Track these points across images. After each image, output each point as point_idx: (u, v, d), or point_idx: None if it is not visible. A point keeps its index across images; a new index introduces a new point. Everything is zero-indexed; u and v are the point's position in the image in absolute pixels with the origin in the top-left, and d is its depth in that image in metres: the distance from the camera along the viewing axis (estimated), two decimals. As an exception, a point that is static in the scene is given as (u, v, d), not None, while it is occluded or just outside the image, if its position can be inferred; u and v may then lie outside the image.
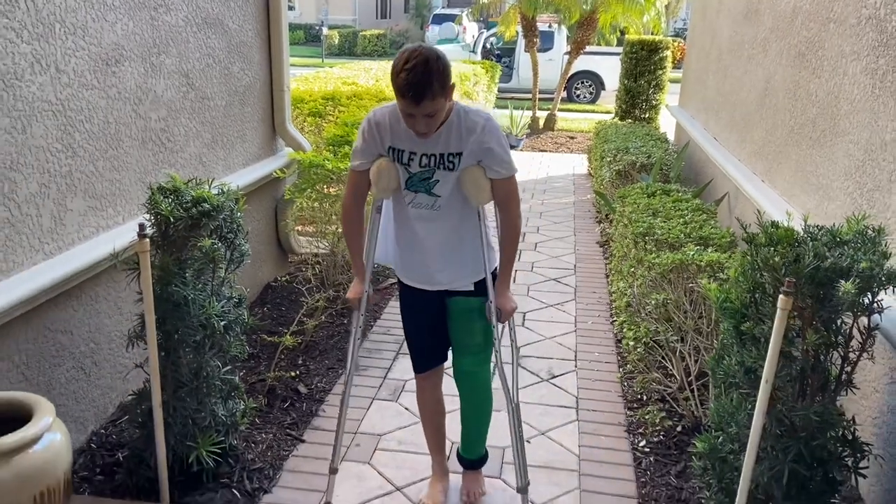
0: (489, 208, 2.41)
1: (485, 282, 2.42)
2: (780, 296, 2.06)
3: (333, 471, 2.57)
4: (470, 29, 22.43)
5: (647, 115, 9.80)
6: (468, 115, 2.25)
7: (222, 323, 2.64)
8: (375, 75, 8.07)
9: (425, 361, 2.62)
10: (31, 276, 2.53)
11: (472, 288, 2.45)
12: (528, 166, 8.95)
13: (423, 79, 2.04)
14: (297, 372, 3.56)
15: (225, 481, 2.73)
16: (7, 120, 2.42)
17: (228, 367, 2.77)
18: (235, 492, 2.69)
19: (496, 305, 2.41)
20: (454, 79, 2.20)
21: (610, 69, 15.20)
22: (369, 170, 2.35)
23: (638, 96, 9.78)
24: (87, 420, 2.94)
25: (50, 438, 1.94)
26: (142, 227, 2.32)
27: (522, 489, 2.52)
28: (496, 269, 2.47)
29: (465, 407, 2.64)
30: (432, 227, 2.37)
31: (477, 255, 2.40)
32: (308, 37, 29.86)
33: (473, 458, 2.72)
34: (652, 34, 11.53)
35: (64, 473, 1.96)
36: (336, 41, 27.52)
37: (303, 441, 3.06)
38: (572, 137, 11.27)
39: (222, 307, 2.65)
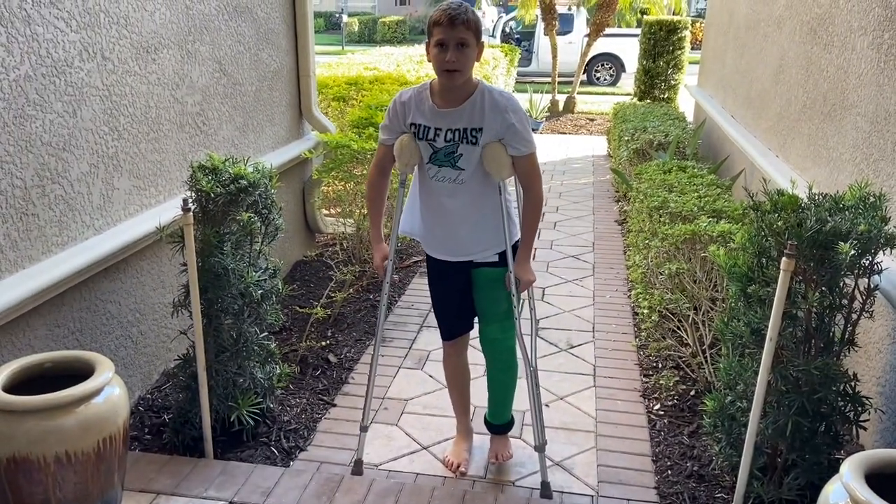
0: (510, 182, 2.55)
1: (507, 253, 2.57)
2: (783, 258, 2.19)
3: (364, 429, 2.76)
4: (489, 13, 22.39)
5: (665, 96, 9.84)
6: (492, 93, 2.42)
7: (259, 292, 2.83)
8: (396, 60, 8.21)
9: (452, 329, 2.77)
10: (84, 250, 2.73)
11: (496, 259, 2.60)
12: (548, 148, 9.05)
13: (459, 9, 2.30)
14: (327, 342, 3.76)
15: (263, 440, 2.92)
16: (60, 104, 2.61)
17: (265, 334, 2.96)
18: (273, 449, 2.88)
19: (515, 276, 2.56)
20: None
21: (630, 51, 15.18)
22: (394, 144, 2.54)
23: (657, 77, 9.82)
24: (135, 385, 3.16)
25: (110, 391, 2.14)
26: (185, 201, 2.51)
27: (540, 448, 2.68)
28: (517, 241, 2.62)
29: (491, 373, 2.78)
30: (456, 201, 2.52)
31: (499, 228, 2.54)
32: (328, 24, 30.03)
33: (500, 424, 2.86)
34: (674, 14, 11.53)
35: (123, 422, 2.16)
36: (356, 28, 27.65)
37: (334, 405, 3.25)
38: (592, 120, 11.33)
39: (259, 277, 2.84)
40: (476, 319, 2.77)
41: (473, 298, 2.69)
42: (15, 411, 2.00)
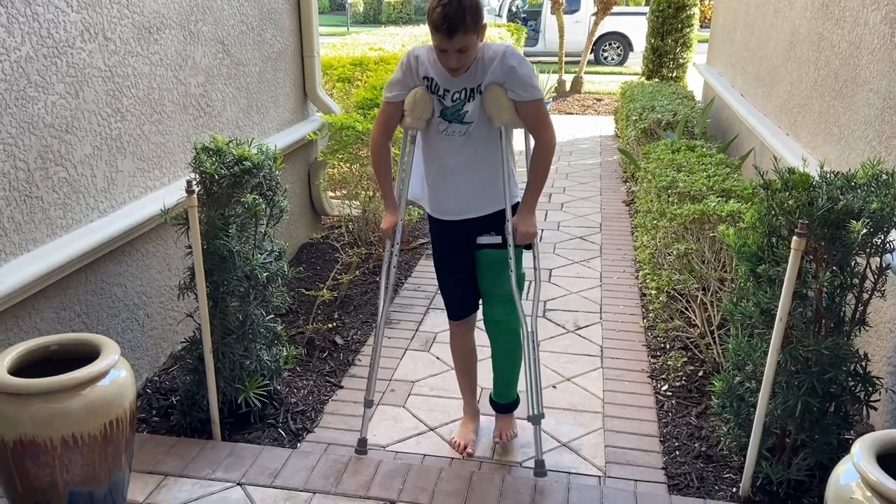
0: (516, 143, 2.51)
1: (505, 211, 2.53)
2: (794, 237, 2.16)
3: (369, 403, 2.73)
4: (495, -8, 22.17)
5: (674, 74, 9.74)
6: (490, 48, 2.44)
7: (265, 274, 2.81)
8: (402, 40, 8.14)
9: (458, 309, 2.77)
10: (89, 232, 2.72)
11: (498, 241, 2.57)
12: (555, 129, 8.98)
13: (457, 14, 2.23)
14: (334, 325, 3.75)
15: (271, 422, 2.93)
16: (62, 85, 2.59)
17: (271, 316, 2.96)
18: (281, 431, 2.89)
19: (513, 224, 2.52)
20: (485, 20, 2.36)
21: (638, 30, 14.98)
22: (403, 102, 2.51)
23: (665, 55, 9.71)
24: (142, 368, 3.16)
25: (116, 374, 2.14)
26: (189, 183, 2.49)
27: (534, 419, 2.53)
28: (517, 203, 2.59)
29: (496, 353, 2.77)
30: (460, 157, 2.51)
31: (498, 183, 2.53)
32: (333, 5, 29.81)
33: (505, 403, 2.85)
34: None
35: (130, 405, 2.16)
36: (360, 9, 27.44)
37: (341, 387, 3.25)
38: (599, 100, 11.23)
39: (264, 259, 2.83)
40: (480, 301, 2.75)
41: (477, 280, 2.68)
42: (21, 394, 2.00)
